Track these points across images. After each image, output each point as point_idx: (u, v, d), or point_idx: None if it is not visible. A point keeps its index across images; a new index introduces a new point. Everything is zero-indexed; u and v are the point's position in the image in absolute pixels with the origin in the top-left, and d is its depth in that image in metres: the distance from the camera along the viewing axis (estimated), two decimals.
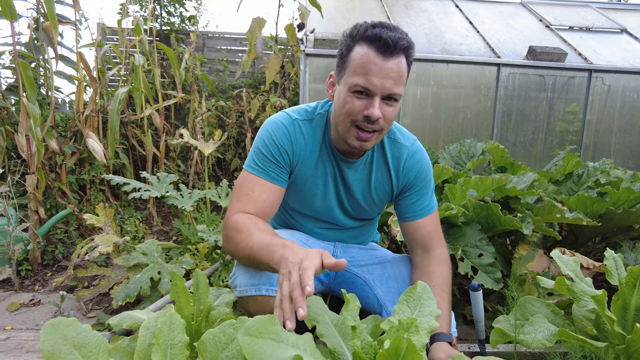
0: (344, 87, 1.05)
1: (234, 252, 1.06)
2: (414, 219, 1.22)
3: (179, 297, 0.98)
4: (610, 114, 3.90)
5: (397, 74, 1.00)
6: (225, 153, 4.28)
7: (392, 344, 0.69)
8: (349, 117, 1.05)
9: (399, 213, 1.26)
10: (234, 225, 1.05)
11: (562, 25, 4.58)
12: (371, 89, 1.00)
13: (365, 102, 1.02)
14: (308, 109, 1.21)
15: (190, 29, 4.80)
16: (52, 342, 0.72)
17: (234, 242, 1.04)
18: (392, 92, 1.01)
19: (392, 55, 0.99)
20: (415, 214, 1.22)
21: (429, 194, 1.24)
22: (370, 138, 1.06)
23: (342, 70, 1.06)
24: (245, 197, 1.10)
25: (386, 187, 1.24)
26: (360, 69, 1.00)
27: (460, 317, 1.79)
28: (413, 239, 1.23)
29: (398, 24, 4.27)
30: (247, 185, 1.12)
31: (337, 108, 1.09)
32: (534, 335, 0.94)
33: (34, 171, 2.48)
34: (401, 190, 1.23)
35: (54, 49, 2.73)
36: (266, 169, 1.13)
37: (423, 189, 1.22)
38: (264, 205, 1.11)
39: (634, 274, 0.93)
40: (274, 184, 1.13)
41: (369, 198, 1.25)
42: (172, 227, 3.25)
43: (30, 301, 2.10)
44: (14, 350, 1.22)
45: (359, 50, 1.01)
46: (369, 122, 1.03)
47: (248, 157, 1.17)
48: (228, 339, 0.76)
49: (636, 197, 1.98)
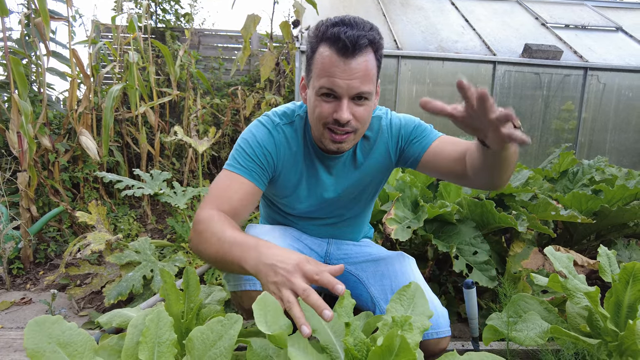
0: (312, 90, 1.03)
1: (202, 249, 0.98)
2: (426, 149, 1.15)
3: (168, 295, 0.96)
4: (606, 112, 3.92)
5: (362, 73, 0.97)
6: (220, 151, 4.27)
7: (385, 341, 0.68)
8: (320, 121, 1.03)
9: (413, 160, 1.18)
10: (205, 221, 0.98)
11: (558, 23, 4.59)
12: (337, 90, 0.97)
13: (334, 105, 1.00)
14: (287, 112, 1.18)
15: (185, 26, 4.77)
16: (37, 340, 0.70)
17: (203, 237, 0.97)
18: (360, 91, 0.98)
19: (355, 55, 0.95)
20: (425, 145, 1.15)
21: (427, 130, 1.19)
22: (345, 139, 1.04)
23: (309, 73, 1.05)
24: (221, 192, 1.06)
25: (380, 161, 1.21)
26: (324, 72, 0.97)
27: (454, 315, 1.78)
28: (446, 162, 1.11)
29: (394, 21, 4.26)
30: (225, 181, 1.08)
31: (309, 112, 1.07)
32: (527, 333, 0.94)
33: (26, 168, 2.45)
34: (400, 151, 1.20)
35: (45, 45, 2.70)
36: (247, 168, 1.09)
37: (420, 131, 1.18)
38: (239, 205, 1.06)
39: (628, 271, 0.92)
40: (253, 183, 1.09)
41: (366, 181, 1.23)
42: (167, 225, 3.24)
43: (21, 300, 2.08)
44: (2, 349, 1.20)
45: (322, 51, 0.98)
46: (339, 125, 1.00)
47: (229, 158, 1.13)
48: (216, 336, 0.75)
49: (631, 194, 1.98)
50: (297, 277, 0.76)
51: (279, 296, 0.77)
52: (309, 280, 0.77)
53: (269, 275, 0.80)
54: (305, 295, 0.73)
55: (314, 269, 0.77)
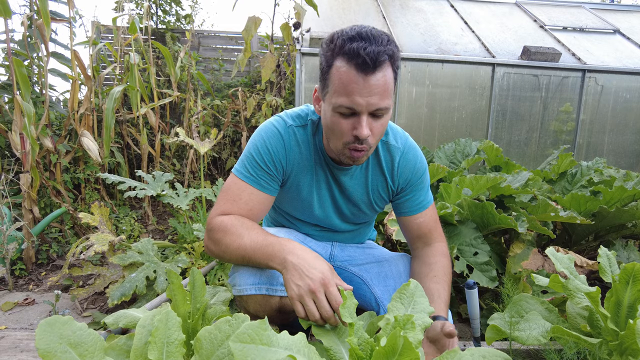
0: (328, 106, 1.00)
1: (224, 254, 1.03)
2: (411, 214, 1.22)
3: (175, 296, 0.97)
4: (604, 114, 3.94)
5: (382, 89, 0.94)
6: (221, 152, 4.28)
7: (388, 342, 0.69)
8: (341, 140, 1.01)
9: (397, 209, 1.26)
10: (220, 227, 1.02)
11: (556, 25, 4.62)
12: (356, 108, 0.95)
13: (352, 121, 0.98)
14: (301, 114, 1.18)
15: (185, 27, 4.78)
16: (48, 340, 0.71)
17: (223, 244, 1.01)
18: (379, 107, 0.96)
19: (375, 71, 0.92)
20: (412, 209, 1.22)
21: (424, 190, 1.24)
22: (362, 155, 1.04)
23: (325, 87, 1.01)
24: (231, 202, 1.08)
25: (382, 190, 1.23)
26: (343, 89, 0.94)
27: (455, 315, 1.80)
28: (412, 234, 1.23)
29: (393, 23, 4.28)
30: (235, 191, 1.09)
31: (326, 127, 1.06)
32: (529, 332, 0.95)
33: (28, 170, 2.46)
34: (397, 190, 1.23)
35: (46, 46, 2.71)
36: (257, 177, 1.10)
37: (418, 185, 1.22)
38: (249, 214, 1.08)
39: (628, 271, 0.94)
40: (263, 192, 1.11)
41: (368, 202, 1.24)
42: (168, 226, 3.24)
43: (24, 300, 2.08)
44: (9, 350, 1.21)
45: (339, 67, 0.95)
46: (359, 142, 1.00)
47: (239, 162, 1.14)
48: (224, 336, 0.76)
49: (629, 195, 2.00)
50: (321, 292, 0.87)
51: (300, 302, 0.88)
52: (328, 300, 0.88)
53: (294, 276, 0.89)
54: (327, 317, 0.86)
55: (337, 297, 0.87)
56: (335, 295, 0.87)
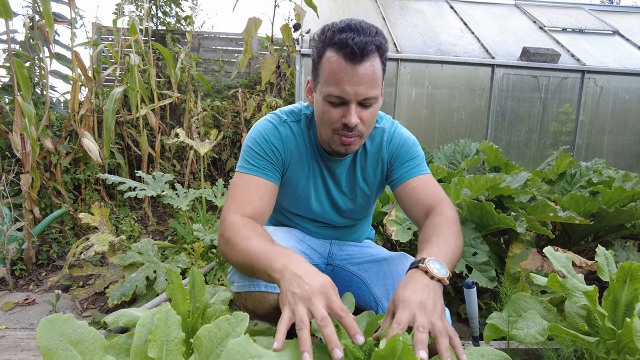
0: (319, 95, 1.04)
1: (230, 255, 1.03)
2: (404, 180, 1.17)
3: (175, 295, 0.98)
4: (603, 115, 3.95)
5: (370, 78, 0.98)
6: (221, 153, 4.28)
7: (388, 345, 0.69)
8: (330, 127, 1.05)
9: (392, 183, 1.21)
10: (231, 227, 1.03)
11: (556, 26, 4.63)
12: (345, 96, 0.99)
13: (342, 110, 1.02)
14: (295, 110, 1.21)
15: (186, 29, 4.80)
16: (49, 338, 0.72)
17: (231, 244, 1.01)
18: (367, 96, 1.00)
19: (362, 60, 0.96)
20: (404, 175, 1.17)
21: (417, 161, 1.20)
22: (353, 142, 1.06)
23: (316, 77, 1.06)
24: (241, 196, 1.09)
25: (374, 173, 1.23)
26: (332, 78, 0.98)
27: (454, 315, 1.80)
28: (411, 206, 1.14)
29: (393, 24, 4.29)
30: (242, 184, 1.11)
31: (317, 117, 1.10)
32: (527, 331, 0.95)
33: (29, 170, 2.47)
34: (389, 164, 1.22)
35: (48, 47, 2.72)
36: (260, 167, 1.12)
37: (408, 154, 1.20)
38: (260, 205, 1.09)
39: (625, 270, 0.94)
40: (269, 180, 1.12)
41: (362, 189, 1.25)
42: (168, 226, 3.25)
43: (24, 301, 2.09)
44: (9, 349, 1.22)
45: (329, 57, 0.99)
46: (348, 129, 1.03)
47: (239, 160, 1.16)
48: (223, 334, 0.77)
49: (628, 196, 2.01)
50: (319, 300, 0.76)
51: (291, 308, 0.76)
52: (329, 309, 0.76)
53: (292, 284, 0.80)
54: (323, 324, 0.72)
55: (341, 305, 0.77)
56: (338, 302, 0.77)
